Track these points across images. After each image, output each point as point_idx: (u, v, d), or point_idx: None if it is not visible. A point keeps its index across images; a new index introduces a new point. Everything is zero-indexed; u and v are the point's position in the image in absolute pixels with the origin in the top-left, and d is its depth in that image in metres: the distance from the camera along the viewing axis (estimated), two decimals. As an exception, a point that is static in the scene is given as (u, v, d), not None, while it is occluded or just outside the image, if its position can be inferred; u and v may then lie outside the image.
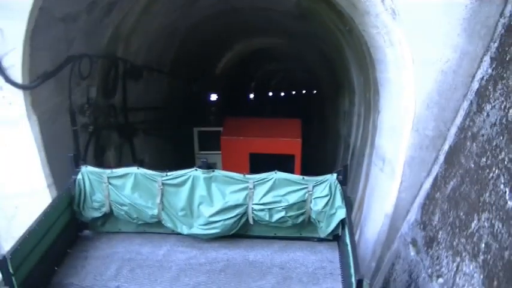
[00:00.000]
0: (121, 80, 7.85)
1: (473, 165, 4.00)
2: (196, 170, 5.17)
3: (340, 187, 4.97)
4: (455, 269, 3.86)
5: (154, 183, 5.18)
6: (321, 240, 5.23)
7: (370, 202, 6.13)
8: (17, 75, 5.09)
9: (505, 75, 3.92)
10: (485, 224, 3.57)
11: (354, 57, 8.24)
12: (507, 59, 3.98)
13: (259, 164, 9.52)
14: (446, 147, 4.78)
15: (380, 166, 5.90)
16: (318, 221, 5.14)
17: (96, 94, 6.99)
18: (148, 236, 5.39)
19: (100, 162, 7.18)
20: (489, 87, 4.14)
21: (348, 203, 4.93)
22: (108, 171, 5.23)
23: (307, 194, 5.07)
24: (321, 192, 5.02)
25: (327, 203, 4.98)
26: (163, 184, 5.18)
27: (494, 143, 3.73)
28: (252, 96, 29.48)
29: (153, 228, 5.40)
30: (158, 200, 5.19)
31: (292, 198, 5.07)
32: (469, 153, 4.19)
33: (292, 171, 8.97)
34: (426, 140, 4.85)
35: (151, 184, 5.20)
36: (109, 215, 5.35)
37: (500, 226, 3.32)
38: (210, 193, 5.22)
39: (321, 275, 4.70)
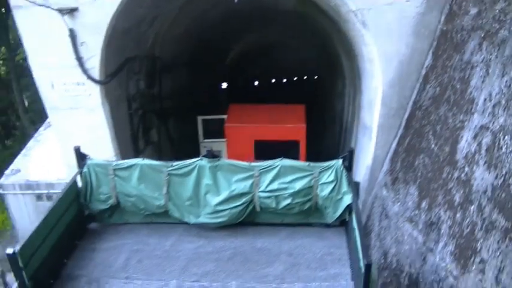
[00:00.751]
0: (158, 74, 9.77)
1: (418, 126, 5.91)
2: (201, 159, 5.22)
3: (346, 172, 5.04)
4: (405, 194, 5.79)
5: (160, 174, 5.22)
6: (328, 226, 5.27)
7: (358, 160, 7.99)
8: (95, 74, 6.97)
9: (437, 64, 5.79)
10: (421, 161, 5.49)
11: (343, 50, 10.10)
12: (439, 53, 5.85)
13: (265, 150, 9.57)
14: (406, 115, 6.67)
15: (363, 132, 7.80)
16: (325, 207, 5.19)
17: (143, 86, 8.95)
18: (156, 226, 5.43)
19: (147, 139, 9.15)
20: (429, 73, 6.02)
21: (354, 188, 4.98)
22: (113, 163, 5.33)
23: (313, 180, 5.11)
24: (327, 178, 5.08)
25: (333, 189, 5.05)
26: (169, 174, 5.22)
27: (429, 110, 5.63)
28: (256, 83, 31.39)
29: (160, 218, 5.45)
30: (164, 190, 5.24)
31: (299, 185, 5.12)
32: (417, 119, 6.09)
33: (297, 157, 9.28)
34: (392, 111, 6.73)
35: (157, 175, 5.23)
36: (116, 207, 5.42)
37: (427, 160, 5.25)
38: (216, 182, 5.26)
39: (329, 261, 4.72)
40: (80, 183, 5.26)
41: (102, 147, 7.48)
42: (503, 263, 3.41)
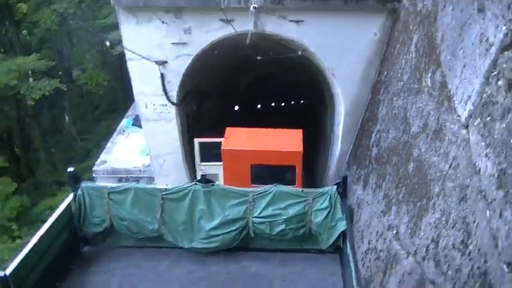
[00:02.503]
0: (197, 97, 14.27)
1: (362, 134, 10.40)
2: (196, 184, 5.22)
3: (340, 199, 4.98)
4: (353, 168, 10.20)
5: (155, 198, 5.28)
6: (322, 252, 5.22)
7: (333, 154, 12.37)
8: (173, 99, 11.43)
9: (374, 98, 10.30)
10: (361, 152, 9.95)
11: (325, 86, 14.67)
12: (374, 93, 10.36)
13: (260, 174, 9.77)
14: (358, 128, 11.15)
15: (335, 138, 12.27)
16: (319, 233, 5.18)
17: (194, 107, 13.45)
18: (149, 250, 5.37)
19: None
20: (369, 104, 10.54)
21: (348, 215, 4.84)
22: (108, 186, 5.35)
23: (307, 207, 5.12)
24: (321, 205, 5.11)
25: (327, 215, 5.09)
26: (163, 198, 5.26)
27: (368, 125, 10.13)
28: (259, 106, 36.18)
29: (153, 242, 5.41)
30: (158, 215, 5.26)
31: (293, 211, 5.15)
32: (362, 130, 10.57)
33: (293, 182, 9.52)
34: (350, 125, 11.16)
35: (152, 199, 5.29)
36: (110, 230, 5.43)
37: (364, 151, 9.72)
38: (210, 207, 5.27)
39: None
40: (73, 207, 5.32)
41: (173, 143, 11.89)
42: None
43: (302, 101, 33.08)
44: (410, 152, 5.76)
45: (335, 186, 5.05)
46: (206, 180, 5.35)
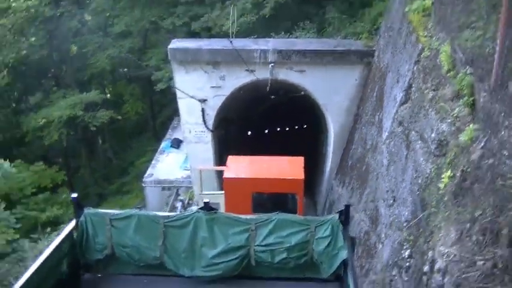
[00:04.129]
0: (224, 125, 18.32)
1: (345, 152, 14.41)
2: (198, 211, 5.17)
3: (342, 227, 4.96)
4: (340, 181, 14.15)
5: (157, 225, 5.16)
6: (323, 280, 5.11)
7: (327, 165, 16.31)
8: (210, 126, 15.48)
9: (355, 126, 14.33)
10: (347, 162, 13.95)
11: (321, 114, 18.78)
12: (356, 122, 14.40)
13: (262, 202, 9.64)
14: (344, 146, 15.14)
15: (328, 153, 16.24)
16: (321, 262, 5.08)
17: (223, 131, 17.54)
18: (151, 278, 5.28)
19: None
20: (351, 130, 14.59)
21: (350, 244, 4.88)
22: (110, 213, 5.29)
23: (309, 235, 5.01)
24: (323, 233, 5.00)
25: (329, 244, 4.97)
26: (165, 226, 5.15)
27: (348, 145, 14.15)
28: (269, 130, 40.62)
29: (155, 270, 5.29)
30: (160, 242, 5.15)
31: (295, 239, 5.04)
32: (347, 149, 14.58)
33: (294, 209, 9.60)
34: (338, 144, 15.15)
35: (154, 226, 5.17)
36: (111, 257, 5.29)
37: (350, 160, 13.72)
38: (212, 235, 5.14)
39: None
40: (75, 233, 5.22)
41: (208, 160, 15.90)
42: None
43: (305, 125, 36.94)
44: (364, 161, 9.72)
45: (337, 215, 5.18)
46: (209, 207, 5.31)
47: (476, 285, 3.78)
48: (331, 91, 14.55)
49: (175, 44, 14.97)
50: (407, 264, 5.78)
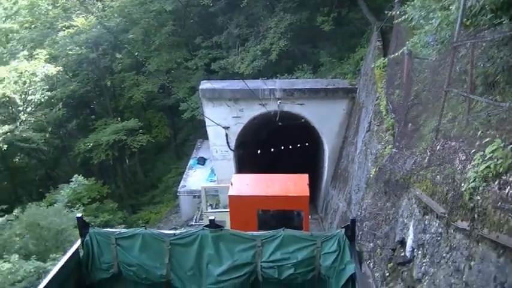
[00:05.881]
0: (242, 146, 22.61)
1: (337, 165, 18.72)
2: (204, 229, 5.14)
3: (349, 242, 4.91)
4: (333, 186, 18.40)
5: (163, 243, 5.14)
6: None
7: (324, 175, 20.55)
8: (232, 147, 19.81)
9: (343, 145, 18.66)
10: (339, 172, 18.23)
11: (318, 136, 23.17)
12: (344, 143, 18.74)
13: (268, 220, 9.60)
14: (335, 162, 19.42)
15: (323, 167, 20.52)
16: (328, 277, 5.02)
17: (241, 152, 21.86)
18: None
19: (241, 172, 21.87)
20: (341, 149, 18.93)
21: (358, 258, 4.82)
22: (116, 232, 5.26)
23: (316, 250, 4.98)
24: (329, 248, 4.96)
25: (336, 259, 4.93)
26: (171, 244, 5.13)
27: (340, 160, 18.48)
28: (272, 149, 45.03)
29: None
30: (166, 260, 5.14)
31: (301, 255, 5.00)
32: (338, 164, 18.89)
33: (300, 226, 9.91)
34: (332, 160, 19.45)
35: (160, 244, 5.14)
36: (117, 276, 5.26)
37: (341, 171, 18.03)
38: (218, 252, 5.11)
39: None
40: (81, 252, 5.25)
41: (231, 173, 20.11)
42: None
43: (307, 145, 41.25)
44: (347, 170, 13.99)
45: (343, 230, 5.10)
46: (215, 225, 5.27)
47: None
48: (324, 119, 18.89)
49: (205, 85, 19.41)
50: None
